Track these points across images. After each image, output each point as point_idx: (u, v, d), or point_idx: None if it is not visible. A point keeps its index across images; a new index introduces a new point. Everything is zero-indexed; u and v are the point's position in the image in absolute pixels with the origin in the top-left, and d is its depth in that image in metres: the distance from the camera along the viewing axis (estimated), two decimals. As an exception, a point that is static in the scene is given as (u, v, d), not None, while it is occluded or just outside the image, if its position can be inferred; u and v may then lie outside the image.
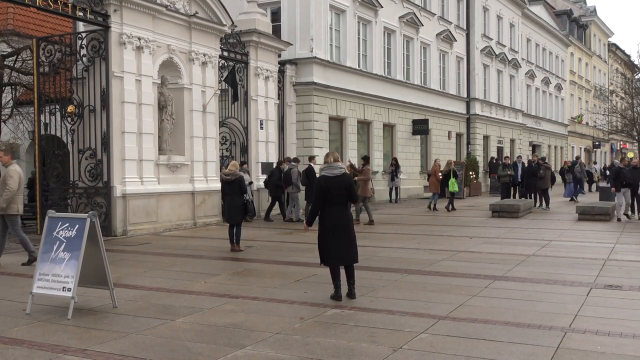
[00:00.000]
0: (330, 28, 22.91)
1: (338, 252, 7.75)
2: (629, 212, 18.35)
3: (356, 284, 8.01)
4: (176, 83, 16.62)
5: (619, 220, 17.81)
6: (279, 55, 20.78)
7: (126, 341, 6.09)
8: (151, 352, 5.73)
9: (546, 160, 26.65)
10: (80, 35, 15.26)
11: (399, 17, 27.28)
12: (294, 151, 21.57)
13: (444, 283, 8.87)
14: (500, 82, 38.62)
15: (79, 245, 7.10)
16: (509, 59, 39.19)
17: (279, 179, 17.94)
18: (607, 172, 36.11)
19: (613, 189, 18.49)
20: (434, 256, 11.28)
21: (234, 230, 12.19)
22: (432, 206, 21.59)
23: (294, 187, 17.70)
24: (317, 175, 8.23)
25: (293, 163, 18.28)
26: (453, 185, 21.51)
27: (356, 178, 16.92)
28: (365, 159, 18.17)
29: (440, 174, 21.53)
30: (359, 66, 24.62)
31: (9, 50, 19.20)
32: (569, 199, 26.32)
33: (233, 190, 12.10)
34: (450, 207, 21.44)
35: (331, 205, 7.76)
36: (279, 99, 20.84)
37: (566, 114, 52.65)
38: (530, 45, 44.79)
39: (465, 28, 34.17)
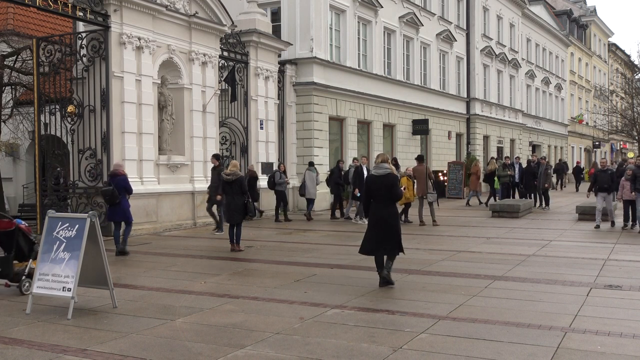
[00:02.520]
0: (330, 28, 22.90)
1: (371, 244, 8.51)
2: (613, 221, 16.43)
3: (356, 284, 8.06)
4: (176, 83, 16.62)
5: (597, 227, 15.94)
6: (279, 55, 20.78)
7: (126, 341, 6.09)
8: (151, 352, 5.73)
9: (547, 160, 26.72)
10: (80, 35, 15.26)
11: (399, 17, 27.28)
12: (294, 151, 21.57)
13: (444, 283, 8.87)
14: (500, 82, 38.61)
15: (79, 245, 7.10)
16: (509, 59, 39.18)
17: (338, 177, 18.36)
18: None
19: (588, 193, 17.30)
20: (434, 256, 11.28)
21: (234, 231, 12.19)
22: (469, 202, 23.92)
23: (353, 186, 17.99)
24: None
25: (351, 164, 18.89)
26: (497, 183, 23.70)
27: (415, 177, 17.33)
28: (419, 158, 17.99)
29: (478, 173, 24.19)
30: (359, 66, 24.61)
31: (9, 50, 19.18)
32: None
33: (234, 190, 12.10)
34: (495, 200, 22.90)
35: (376, 202, 8.58)
36: (279, 99, 20.84)
37: (566, 114, 52.64)
38: (530, 45, 44.78)
39: (465, 28, 34.16)
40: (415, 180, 17.20)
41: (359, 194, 16.60)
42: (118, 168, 12.45)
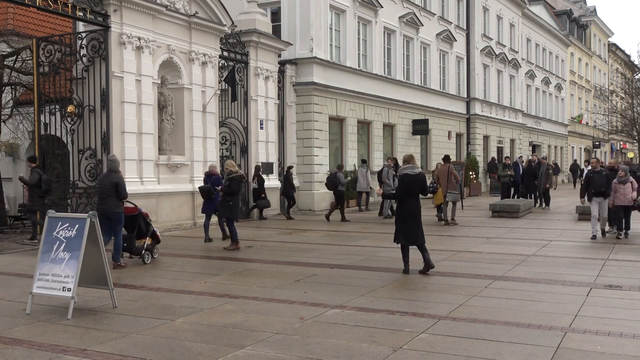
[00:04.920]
0: (330, 28, 22.89)
1: (405, 234, 9.55)
2: (607, 228, 14.32)
3: (356, 284, 8.15)
4: (176, 83, 16.62)
5: (593, 237, 13.71)
6: (279, 55, 20.78)
7: (126, 341, 6.09)
8: (151, 352, 5.73)
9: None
10: (80, 35, 15.26)
11: (399, 17, 27.27)
12: (294, 151, 21.57)
13: (444, 283, 8.88)
14: (500, 82, 38.60)
15: (78, 245, 7.10)
16: (509, 59, 39.17)
17: (387, 177, 19.13)
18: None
19: (582, 199, 14.74)
20: (434, 256, 11.21)
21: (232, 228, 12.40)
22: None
23: (385, 186, 18.66)
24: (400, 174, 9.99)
25: (386, 163, 20.00)
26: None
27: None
28: (445, 158, 18.29)
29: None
30: (359, 66, 24.60)
31: (9, 50, 19.16)
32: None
33: (240, 190, 12.65)
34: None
35: (409, 197, 9.58)
36: (278, 99, 20.84)
37: (566, 114, 52.63)
38: (530, 45, 44.77)
39: (465, 28, 34.15)
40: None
41: None
42: (212, 169, 14.41)
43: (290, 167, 19.78)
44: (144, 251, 10.69)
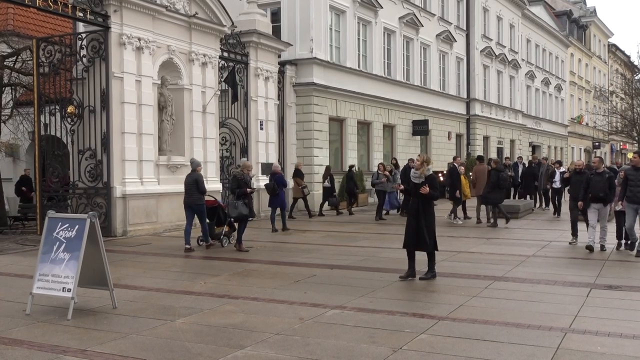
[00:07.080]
0: (330, 29, 22.90)
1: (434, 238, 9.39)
2: (600, 241, 12.12)
3: (356, 285, 8.28)
4: (176, 84, 16.62)
5: (588, 247, 11.94)
6: (279, 56, 20.78)
7: (126, 342, 6.09)
8: (151, 353, 5.74)
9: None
10: (80, 36, 15.26)
11: (399, 18, 27.28)
12: (294, 152, 21.57)
13: (444, 283, 8.88)
14: (500, 82, 38.60)
15: (78, 245, 7.10)
16: (509, 59, 39.18)
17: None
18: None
19: (580, 203, 12.29)
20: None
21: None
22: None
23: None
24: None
25: (412, 164, 20.21)
26: None
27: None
28: (479, 158, 18.72)
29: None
30: (358, 67, 24.61)
31: (9, 50, 19.17)
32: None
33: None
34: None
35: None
36: (278, 99, 20.84)
37: (566, 114, 52.63)
38: (530, 46, 44.78)
39: (465, 29, 34.16)
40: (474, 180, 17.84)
41: (459, 195, 17.55)
42: (276, 168, 16.35)
43: (351, 166, 20.75)
44: (222, 236, 12.65)
